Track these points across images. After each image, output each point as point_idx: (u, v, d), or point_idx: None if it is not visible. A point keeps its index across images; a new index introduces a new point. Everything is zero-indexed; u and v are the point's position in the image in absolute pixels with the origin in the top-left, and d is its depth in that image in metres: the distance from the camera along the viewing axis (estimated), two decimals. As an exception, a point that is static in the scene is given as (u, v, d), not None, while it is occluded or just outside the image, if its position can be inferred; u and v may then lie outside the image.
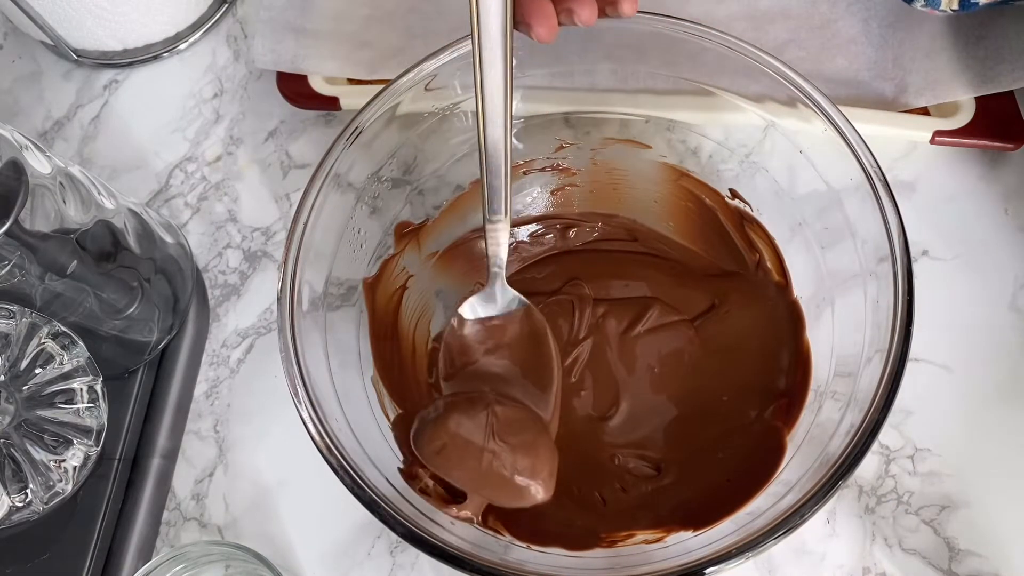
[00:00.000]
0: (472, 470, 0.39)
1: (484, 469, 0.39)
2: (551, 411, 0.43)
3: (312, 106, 0.55)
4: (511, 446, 0.39)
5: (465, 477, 0.39)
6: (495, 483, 0.39)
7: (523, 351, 0.44)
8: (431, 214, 0.48)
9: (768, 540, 0.35)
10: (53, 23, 0.56)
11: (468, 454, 0.39)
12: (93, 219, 0.44)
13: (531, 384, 0.43)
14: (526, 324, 0.44)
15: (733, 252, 0.48)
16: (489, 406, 0.40)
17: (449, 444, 0.39)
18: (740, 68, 0.42)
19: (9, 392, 0.42)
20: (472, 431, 0.39)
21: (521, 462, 0.39)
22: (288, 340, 0.39)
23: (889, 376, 0.36)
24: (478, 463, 0.39)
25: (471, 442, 0.39)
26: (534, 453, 0.40)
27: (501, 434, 0.39)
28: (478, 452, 0.39)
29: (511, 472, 0.39)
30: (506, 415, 0.40)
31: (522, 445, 0.40)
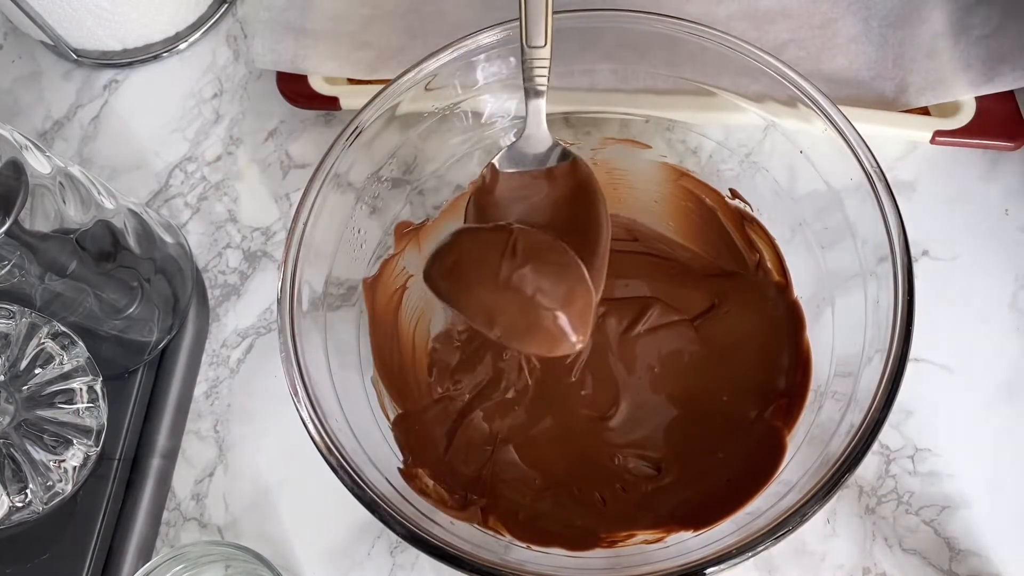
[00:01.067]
0: (488, 292, 0.33)
1: (502, 290, 0.32)
2: (598, 274, 0.36)
3: (312, 106, 0.55)
4: (536, 268, 0.33)
5: (479, 303, 0.33)
6: (515, 311, 0.33)
7: (567, 209, 0.37)
8: (431, 214, 0.48)
9: (768, 540, 0.35)
10: (53, 23, 0.56)
11: (484, 272, 0.33)
12: (93, 219, 0.44)
13: (576, 249, 0.36)
14: (571, 178, 0.38)
15: (733, 252, 0.48)
16: (512, 229, 0.34)
17: (463, 260, 0.33)
18: (740, 68, 0.42)
19: (9, 392, 0.42)
20: (490, 247, 0.33)
21: (547, 285, 0.33)
22: (288, 340, 0.39)
23: (889, 376, 0.36)
24: (495, 283, 0.32)
25: (488, 258, 0.33)
26: (564, 280, 0.33)
27: (525, 255, 0.33)
28: (494, 269, 0.32)
29: (534, 293, 0.32)
30: (532, 238, 0.33)
31: (550, 269, 0.33)
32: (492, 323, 0.34)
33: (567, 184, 0.38)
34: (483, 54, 0.44)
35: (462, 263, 0.34)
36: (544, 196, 0.37)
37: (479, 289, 0.33)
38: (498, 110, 0.46)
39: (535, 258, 0.33)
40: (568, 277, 0.34)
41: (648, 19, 0.42)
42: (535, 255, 0.33)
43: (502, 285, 0.33)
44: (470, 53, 0.43)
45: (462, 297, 0.34)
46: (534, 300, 0.33)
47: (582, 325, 0.34)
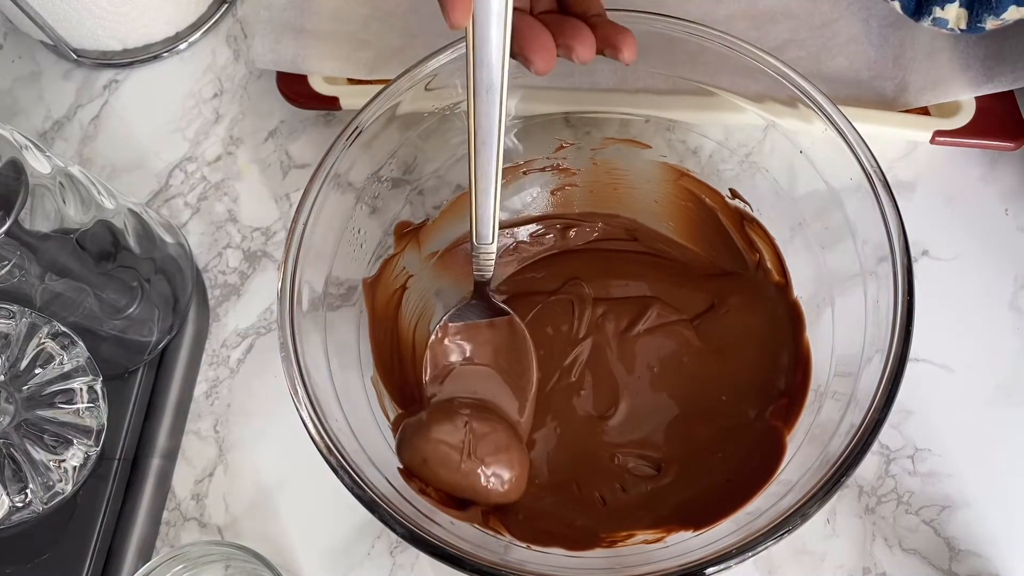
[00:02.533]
0: (452, 478, 0.42)
1: (462, 477, 0.42)
2: (526, 415, 0.46)
3: (312, 106, 0.55)
4: (485, 458, 0.43)
5: (446, 484, 0.43)
6: (473, 488, 0.43)
7: (504, 357, 0.46)
8: (431, 214, 0.48)
9: (768, 540, 0.35)
10: (53, 23, 0.56)
11: (448, 466, 0.42)
12: (93, 219, 0.44)
13: (510, 388, 0.46)
14: (508, 332, 0.46)
15: (733, 252, 0.48)
16: (467, 424, 0.43)
17: (431, 458, 0.42)
18: (740, 68, 0.42)
19: (9, 392, 0.42)
20: (450, 447, 0.43)
21: (494, 471, 0.43)
22: (288, 340, 0.39)
23: (889, 376, 0.36)
24: (457, 473, 0.42)
25: (450, 456, 0.42)
26: (506, 463, 0.43)
27: (476, 448, 0.43)
28: (456, 464, 0.42)
29: (486, 480, 0.42)
30: (481, 430, 0.43)
31: (494, 457, 0.43)
32: (459, 493, 0.43)
33: (504, 332, 0.46)
34: (483, 54, 0.43)
35: (430, 461, 0.42)
36: (486, 340, 0.46)
37: (446, 478, 0.43)
38: (498, 110, 0.46)
39: (485, 447, 0.43)
40: (511, 457, 0.43)
41: (648, 19, 0.42)
42: (484, 445, 0.43)
43: (463, 478, 0.43)
44: (470, 53, 0.43)
45: (435, 480, 0.42)
46: (487, 485, 0.43)
47: (520, 486, 0.44)
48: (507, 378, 0.46)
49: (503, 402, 0.46)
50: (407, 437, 0.43)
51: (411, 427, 0.44)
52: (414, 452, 0.43)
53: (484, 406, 0.45)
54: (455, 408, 0.45)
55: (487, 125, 0.36)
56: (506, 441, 0.44)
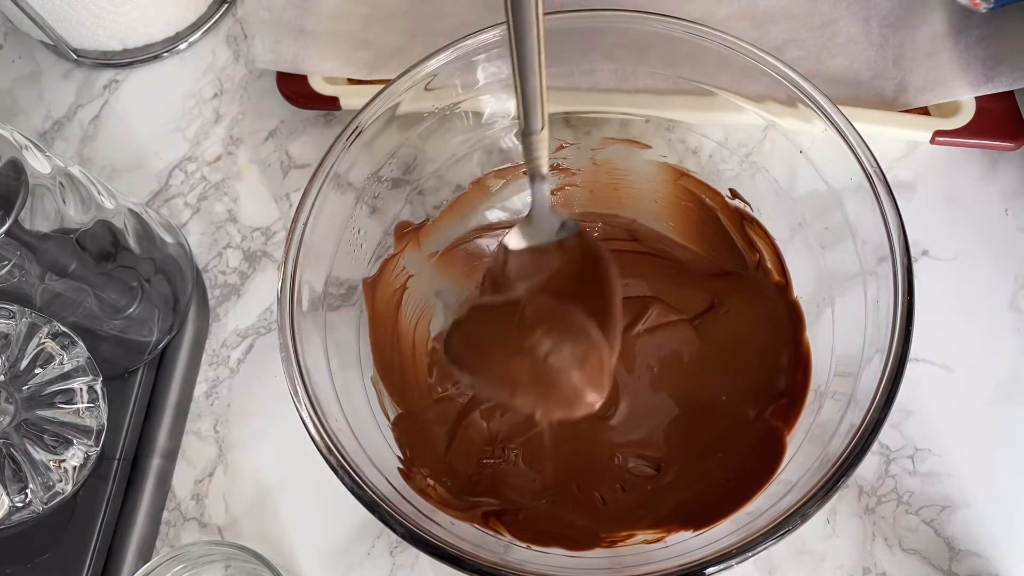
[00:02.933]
0: (504, 361, 0.35)
1: (517, 357, 0.34)
2: (612, 334, 0.37)
3: (312, 106, 0.55)
4: (547, 333, 0.34)
5: (497, 373, 0.35)
6: (531, 377, 0.34)
7: (579, 278, 0.39)
8: (431, 214, 0.48)
9: (768, 540, 0.35)
10: (53, 23, 0.56)
11: (498, 342, 0.35)
12: (93, 219, 0.44)
13: (593, 321, 0.37)
14: (579, 249, 0.39)
15: (733, 252, 0.48)
16: (521, 300, 0.36)
17: (478, 333, 0.35)
18: (740, 68, 0.42)
19: (9, 392, 0.42)
20: (502, 318, 0.35)
21: (559, 348, 0.34)
22: (288, 340, 0.39)
23: (889, 376, 0.36)
24: (509, 351, 0.34)
25: (500, 329, 0.34)
26: (576, 342, 0.34)
27: (535, 322, 0.35)
28: (508, 338, 0.34)
29: (546, 357, 0.34)
30: (542, 307, 0.36)
31: (562, 332, 0.35)
32: (513, 391, 0.35)
33: (576, 255, 0.39)
34: (483, 54, 0.43)
35: (477, 336, 0.36)
36: (556, 268, 0.39)
37: (496, 359, 0.35)
38: (498, 110, 0.46)
39: (546, 323, 0.35)
40: (580, 339, 0.35)
41: (648, 19, 0.42)
42: (546, 321, 0.35)
43: (515, 353, 0.34)
44: (470, 53, 0.43)
45: (482, 370, 0.36)
46: (548, 364, 0.34)
47: (598, 384, 0.36)
48: (585, 305, 0.37)
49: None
50: (455, 322, 0.36)
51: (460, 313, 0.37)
52: (459, 329, 0.36)
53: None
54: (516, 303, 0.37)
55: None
56: (574, 324, 0.35)
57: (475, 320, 0.37)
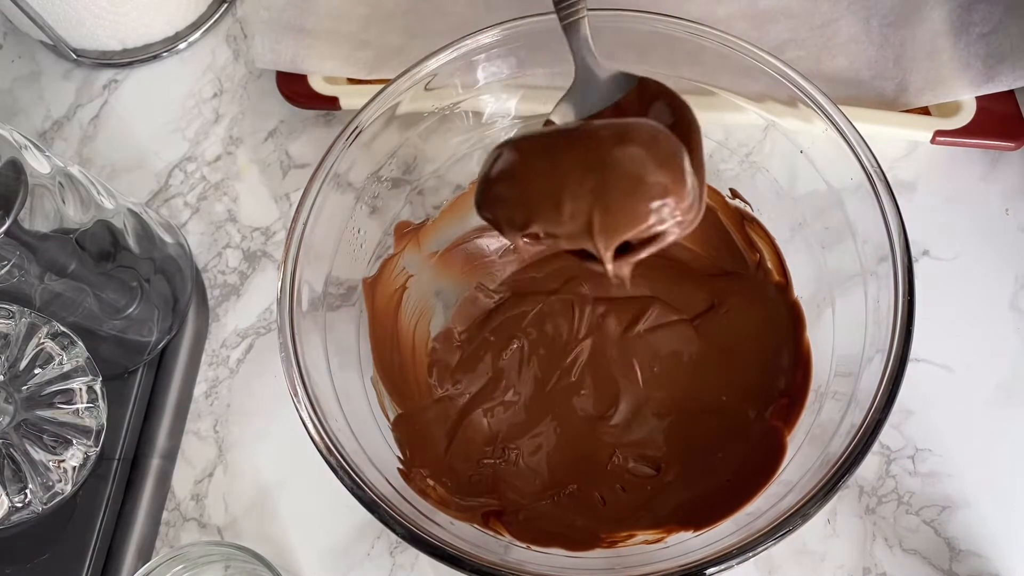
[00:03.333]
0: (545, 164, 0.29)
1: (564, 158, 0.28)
2: (701, 168, 0.33)
3: (312, 106, 0.55)
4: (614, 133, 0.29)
5: (533, 178, 0.29)
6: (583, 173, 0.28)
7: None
8: (431, 214, 0.48)
9: (768, 540, 0.35)
10: (53, 23, 0.56)
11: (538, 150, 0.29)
12: (92, 219, 0.44)
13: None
14: (644, 100, 0.34)
15: (733, 252, 0.48)
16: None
17: (516, 152, 0.29)
18: (740, 68, 0.42)
19: (8, 392, 0.42)
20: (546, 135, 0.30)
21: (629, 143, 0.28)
22: (288, 340, 0.39)
23: (890, 376, 0.36)
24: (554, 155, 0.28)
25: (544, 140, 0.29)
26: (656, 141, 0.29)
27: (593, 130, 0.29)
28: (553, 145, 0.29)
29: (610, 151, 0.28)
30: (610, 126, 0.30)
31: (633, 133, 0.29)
32: (559, 205, 0.28)
33: (643, 107, 0.33)
34: (483, 54, 0.43)
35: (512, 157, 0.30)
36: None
37: (535, 173, 0.29)
38: (498, 110, 0.46)
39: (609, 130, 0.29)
40: (655, 140, 0.30)
41: (648, 19, 0.42)
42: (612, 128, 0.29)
43: (565, 158, 0.28)
44: (470, 53, 0.43)
45: (518, 189, 0.29)
46: (611, 159, 0.28)
47: (679, 181, 0.29)
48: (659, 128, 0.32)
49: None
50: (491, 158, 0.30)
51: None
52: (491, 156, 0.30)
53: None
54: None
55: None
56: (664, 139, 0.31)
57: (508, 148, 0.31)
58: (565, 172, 0.28)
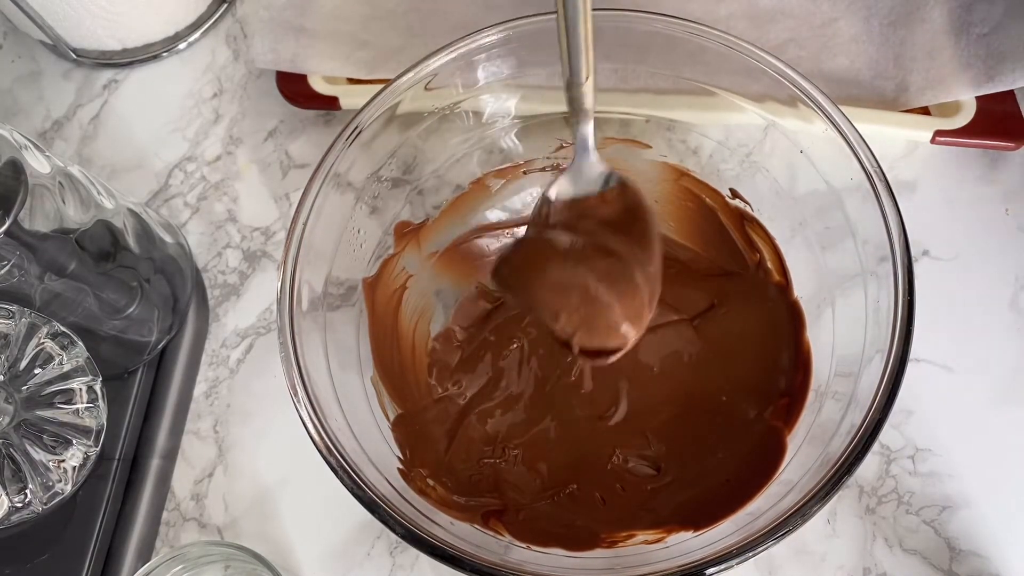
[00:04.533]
0: (554, 286, 0.37)
1: (567, 285, 0.37)
2: (655, 279, 0.39)
3: (312, 106, 0.55)
4: (598, 269, 0.37)
5: (545, 297, 0.37)
6: (577, 305, 0.37)
7: (620, 228, 0.40)
8: (431, 214, 0.48)
9: (768, 540, 0.35)
10: (52, 23, 0.56)
11: (552, 268, 0.37)
12: (92, 219, 0.44)
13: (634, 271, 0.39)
14: (621, 200, 0.40)
15: (733, 252, 0.48)
16: (578, 241, 0.38)
17: (532, 259, 0.37)
18: (740, 67, 0.42)
19: (8, 392, 0.42)
20: (557, 249, 0.37)
21: (607, 283, 0.37)
22: (288, 340, 0.39)
23: (890, 376, 0.36)
24: (561, 278, 0.37)
25: (555, 258, 0.37)
26: (624, 279, 0.37)
27: (587, 258, 0.37)
28: (561, 267, 0.37)
29: (595, 289, 0.36)
30: (595, 244, 0.38)
31: (611, 271, 0.37)
32: (557, 318, 0.38)
33: (618, 206, 0.40)
34: (483, 53, 0.43)
35: (531, 260, 0.38)
36: (599, 218, 0.40)
37: (547, 283, 0.38)
38: (498, 110, 0.46)
39: (594, 262, 0.38)
40: (624, 279, 0.38)
41: (648, 19, 0.42)
42: (594, 260, 0.38)
43: (568, 279, 0.37)
44: (471, 52, 0.43)
45: (530, 292, 0.38)
46: (593, 295, 0.37)
47: (637, 320, 0.38)
48: (631, 258, 0.39)
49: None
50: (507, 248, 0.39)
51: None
52: (513, 253, 0.38)
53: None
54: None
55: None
56: (627, 272, 0.37)
57: (526, 250, 0.39)
58: (568, 294, 0.38)
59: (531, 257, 0.38)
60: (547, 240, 0.39)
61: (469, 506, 0.43)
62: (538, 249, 0.39)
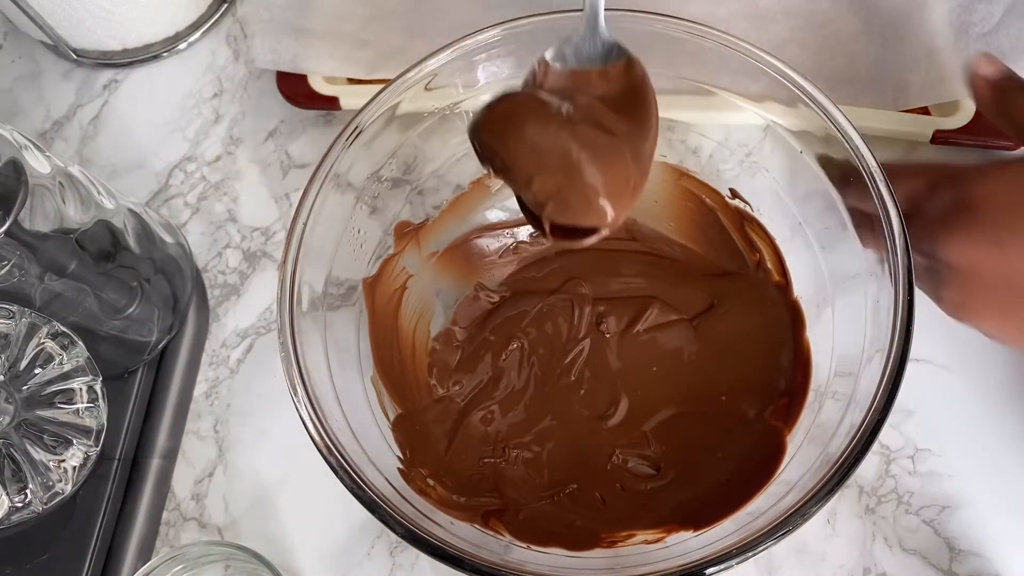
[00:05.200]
0: (535, 147, 0.33)
1: (549, 146, 0.33)
2: (646, 163, 0.36)
3: (312, 106, 0.55)
4: (586, 132, 0.34)
5: (523, 159, 0.33)
6: (558, 170, 0.33)
7: (619, 108, 0.37)
8: (431, 214, 0.48)
9: (768, 540, 0.35)
10: (53, 23, 0.56)
11: (534, 126, 0.33)
12: (93, 219, 0.44)
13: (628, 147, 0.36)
14: (624, 78, 0.37)
15: (733, 252, 0.48)
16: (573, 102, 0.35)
17: (515, 113, 0.34)
18: (740, 67, 0.42)
19: (9, 392, 0.42)
20: (544, 105, 0.34)
21: (593, 151, 0.33)
22: (288, 340, 0.39)
23: (889, 376, 0.36)
24: (543, 137, 0.33)
25: (540, 114, 0.33)
26: (612, 154, 0.34)
27: (578, 117, 0.34)
28: (545, 124, 0.33)
29: (578, 156, 0.33)
30: (586, 106, 0.35)
31: (599, 138, 0.34)
32: (530, 181, 0.34)
33: (620, 83, 0.37)
34: (483, 53, 0.44)
35: (513, 115, 0.34)
36: (596, 94, 0.37)
37: (525, 141, 0.34)
38: (498, 110, 0.46)
39: (585, 124, 0.34)
40: (615, 152, 0.35)
41: (648, 19, 0.42)
42: (586, 122, 0.34)
43: (549, 141, 0.33)
44: (470, 52, 0.43)
45: (506, 149, 0.34)
46: (577, 159, 0.33)
47: (619, 199, 0.35)
48: (627, 136, 0.36)
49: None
50: (490, 98, 0.34)
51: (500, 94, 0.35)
52: (496, 105, 0.34)
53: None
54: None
55: None
56: (616, 159, 0.34)
57: (511, 104, 0.35)
58: (547, 155, 0.34)
59: (513, 112, 0.34)
60: (535, 97, 0.35)
61: (469, 506, 0.43)
62: (521, 105, 0.35)
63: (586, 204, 0.35)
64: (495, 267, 0.50)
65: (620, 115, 0.36)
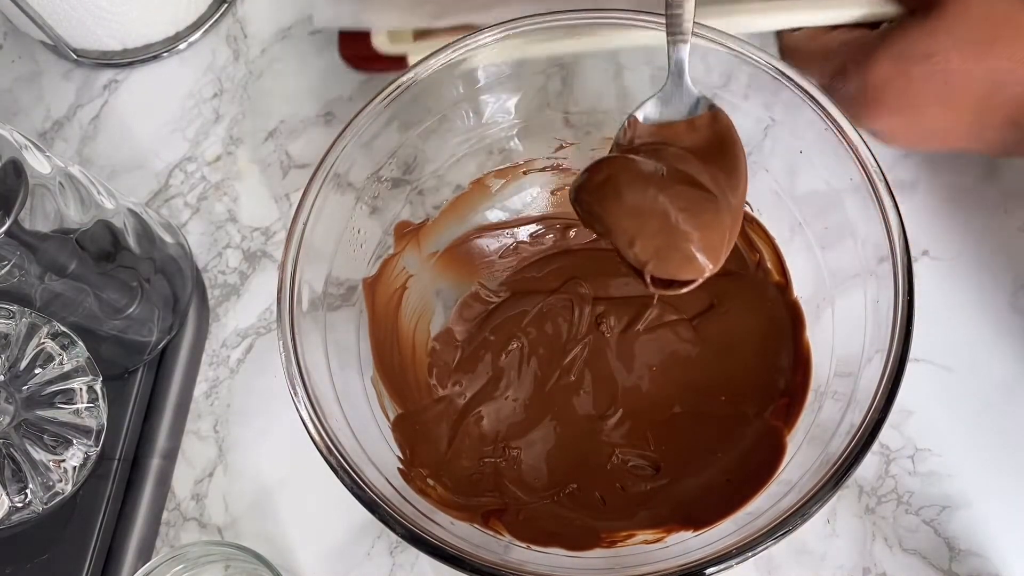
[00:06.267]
0: (633, 210, 0.36)
1: (648, 209, 0.36)
2: (737, 212, 0.39)
3: (376, 68, 0.51)
4: (680, 193, 0.36)
5: (623, 221, 0.36)
6: (656, 230, 0.36)
7: (708, 158, 0.39)
8: (431, 214, 0.48)
9: (768, 540, 0.35)
10: (53, 23, 0.56)
11: (632, 191, 0.36)
12: (93, 219, 0.44)
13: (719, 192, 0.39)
14: (710, 128, 0.39)
15: (733, 252, 0.48)
16: (662, 160, 0.37)
17: (613, 179, 0.36)
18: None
19: (9, 392, 0.42)
20: (640, 171, 0.36)
21: (689, 210, 0.36)
22: (288, 340, 0.39)
23: (889, 376, 0.36)
24: (641, 201, 0.36)
25: (637, 180, 0.36)
26: (706, 210, 0.36)
27: (671, 181, 0.36)
28: (643, 189, 0.36)
29: (676, 216, 0.36)
30: (679, 170, 0.37)
31: (693, 196, 0.36)
32: (632, 243, 0.37)
33: (707, 134, 0.39)
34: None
35: (612, 181, 0.36)
36: (685, 146, 0.39)
37: (625, 206, 0.36)
38: (499, 110, 0.46)
39: (681, 184, 0.37)
40: (709, 207, 0.37)
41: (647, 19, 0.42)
42: (681, 183, 0.37)
43: (648, 204, 0.36)
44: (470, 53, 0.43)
45: (608, 215, 0.37)
46: (676, 222, 0.36)
47: (715, 251, 0.37)
48: (717, 187, 0.38)
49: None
50: (589, 165, 0.37)
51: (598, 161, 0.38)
52: (595, 172, 0.37)
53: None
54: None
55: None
56: (710, 199, 0.37)
57: (607, 171, 0.37)
58: (646, 219, 0.37)
59: (611, 179, 0.37)
60: (629, 162, 0.37)
61: (469, 506, 0.43)
62: (619, 171, 0.37)
63: (685, 261, 0.37)
64: (495, 267, 0.50)
65: (708, 165, 0.38)
